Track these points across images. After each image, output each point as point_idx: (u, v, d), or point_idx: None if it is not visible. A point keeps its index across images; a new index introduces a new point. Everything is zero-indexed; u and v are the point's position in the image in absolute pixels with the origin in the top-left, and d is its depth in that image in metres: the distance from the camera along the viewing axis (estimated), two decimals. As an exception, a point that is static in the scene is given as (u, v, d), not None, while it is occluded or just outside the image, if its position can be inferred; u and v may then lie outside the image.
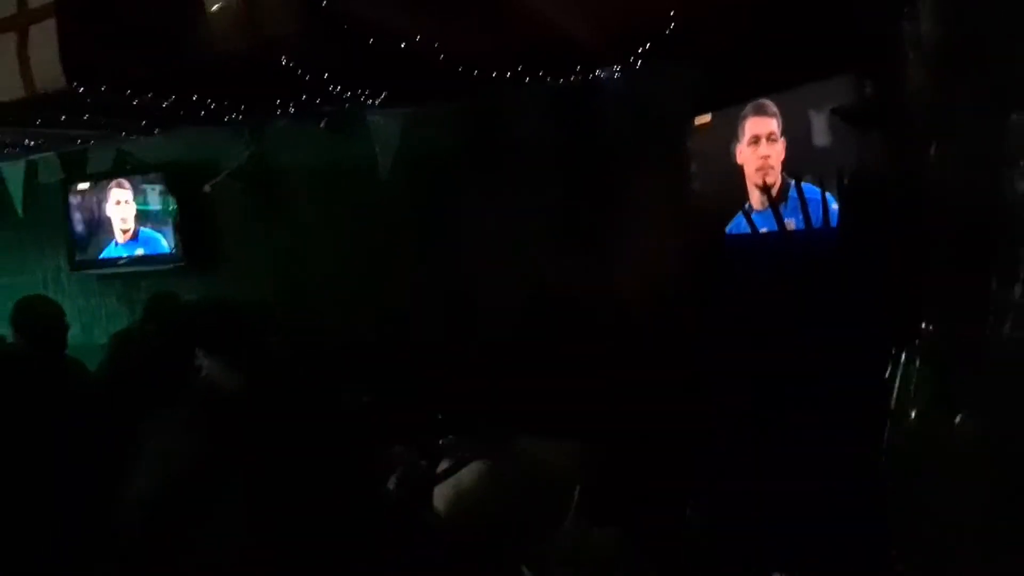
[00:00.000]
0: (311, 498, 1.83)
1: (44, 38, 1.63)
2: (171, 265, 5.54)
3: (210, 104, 4.07)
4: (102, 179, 5.73)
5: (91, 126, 4.62)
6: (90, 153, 5.75)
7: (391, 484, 2.05)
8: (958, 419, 1.46)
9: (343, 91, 4.26)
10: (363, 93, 4.45)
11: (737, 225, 4.28)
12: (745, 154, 4.23)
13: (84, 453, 2.69)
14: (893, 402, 1.63)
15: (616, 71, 4.13)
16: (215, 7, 1.58)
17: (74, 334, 3.48)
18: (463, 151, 4.72)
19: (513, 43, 3.64)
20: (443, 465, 1.88)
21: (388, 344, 4.47)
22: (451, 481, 1.80)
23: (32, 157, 5.74)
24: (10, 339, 3.32)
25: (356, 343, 4.37)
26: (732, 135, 4.18)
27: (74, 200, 5.84)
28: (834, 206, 3.57)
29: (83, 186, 5.80)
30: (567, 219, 4.48)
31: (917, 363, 1.60)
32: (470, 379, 3.56)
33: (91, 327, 5.76)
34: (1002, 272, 1.34)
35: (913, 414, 1.61)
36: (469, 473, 1.79)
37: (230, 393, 2.53)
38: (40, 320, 3.40)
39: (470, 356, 4.16)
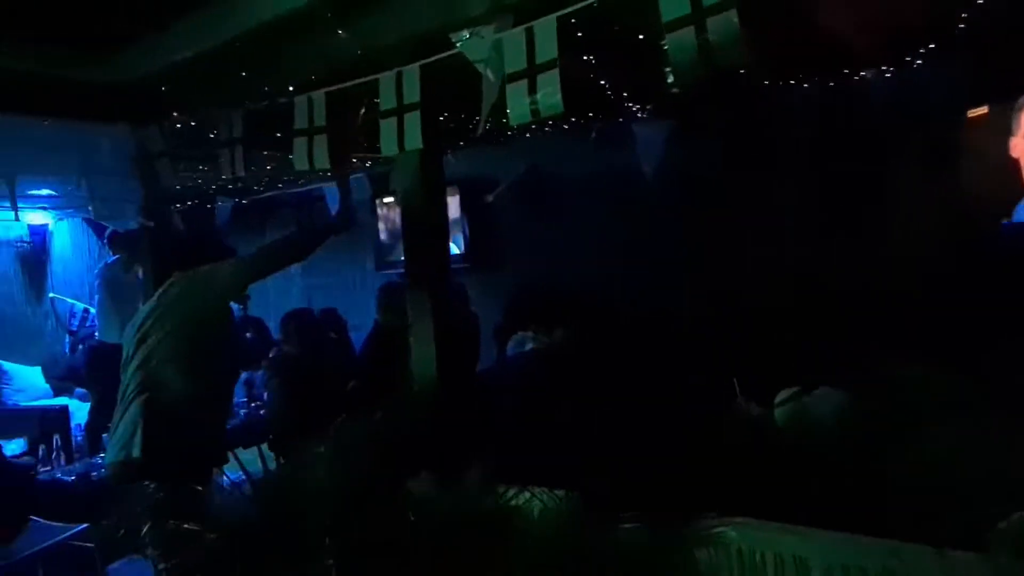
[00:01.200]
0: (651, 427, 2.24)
1: (549, 82, 2.35)
2: (458, 266, 6.35)
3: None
4: (402, 194, 6.73)
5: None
6: (392, 172, 6.76)
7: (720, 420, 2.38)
8: None
9: (617, 104, 4.74)
10: (633, 106, 4.90)
11: (1015, 219, 4.15)
12: (1022, 148, 4.11)
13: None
14: None
15: (887, 70, 4.21)
16: (671, 35, 2.06)
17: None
18: (728, 157, 5.03)
19: (785, 49, 3.85)
20: (783, 395, 2.20)
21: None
22: (797, 404, 2.12)
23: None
24: None
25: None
26: (1008, 128, 4.08)
27: (379, 212, 6.92)
28: None
29: (387, 200, 6.85)
30: (840, 215, 4.61)
31: None
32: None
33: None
34: None
35: None
36: (816, 397, 2.11)
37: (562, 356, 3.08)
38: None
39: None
